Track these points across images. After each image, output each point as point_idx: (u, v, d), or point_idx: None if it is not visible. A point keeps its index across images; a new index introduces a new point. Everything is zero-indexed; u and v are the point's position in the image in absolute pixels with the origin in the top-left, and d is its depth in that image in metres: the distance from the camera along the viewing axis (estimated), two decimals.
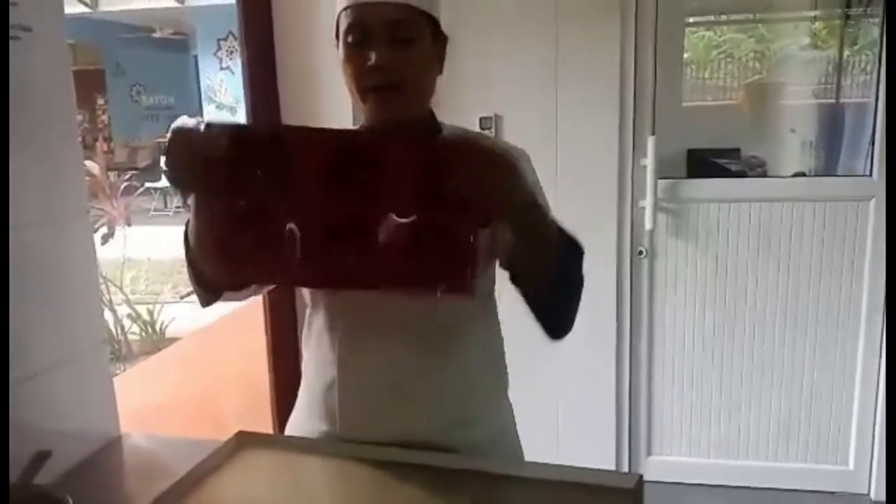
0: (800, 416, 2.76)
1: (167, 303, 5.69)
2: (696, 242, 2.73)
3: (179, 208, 10.82)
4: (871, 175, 2.62)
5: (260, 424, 2.40)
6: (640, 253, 2.74)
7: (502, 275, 1.20)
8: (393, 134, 1.11)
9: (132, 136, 14.34)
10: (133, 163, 12.74)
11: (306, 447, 1.20)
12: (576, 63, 2.61)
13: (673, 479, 2.83)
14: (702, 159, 3.40)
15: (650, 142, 2.62)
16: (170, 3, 11.18)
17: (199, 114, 12.89)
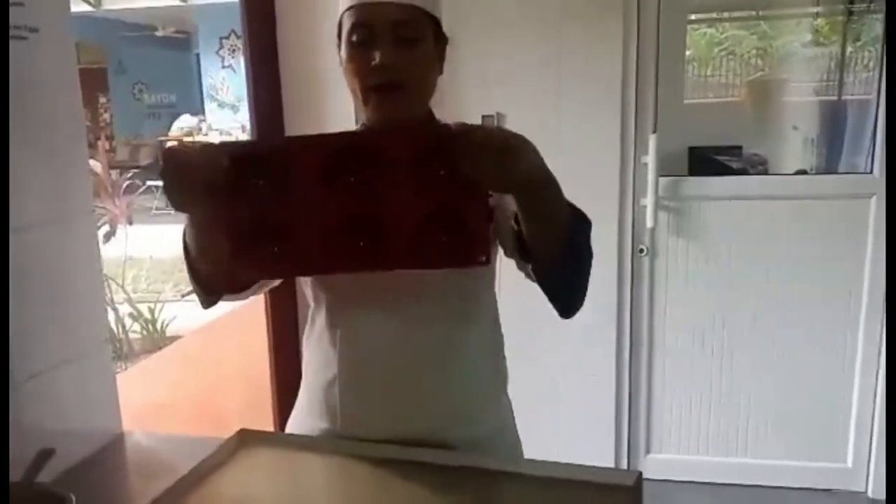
0: (798, 413, 2.77)
1: (168, 301, 5.70)
2: (697, 240, 2.73)
3: None
4: (873, 172, 2.62)
5: (261, 422, 2.41)
6: (642, 251, 2.74)
7: (502, 272, 1.21)
8: (396, 128, 1.12)
9: (134, 134, 14.37)
10: (135, 161, 12.76)
11: (307, 445, 1.21)
12: (577, 60, 2.61)
13: (672, 477, 2.83)
14: (703, 157, 3.39)
15: (652, 139, 2.62)
16: (172, 1, 11.19)
17: (201, 112, 12.96)
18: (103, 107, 14.67)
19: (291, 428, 1.29)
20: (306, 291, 1.24)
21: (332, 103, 2.40)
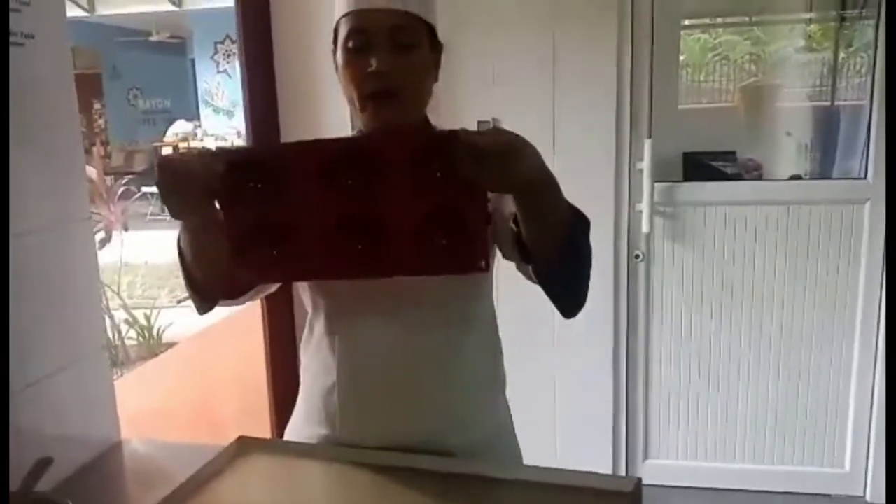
0: (795, 418, 2.77)
1: (164, 307, 5.68)
2: (692, 246, 2.74)
3: None
4: (867, 178, 2.63)
5: (258, 428, 2.41)
6: (637, 256, 2.75)
7: (500, 277, 1.21)
8: (394, 131, 1.12)
9: (129, 140, 14.34)
10: (130, 167, 12.74)
11: (307, 452, 1.21)
12: (573, 66, 2.61)
13: (669, 483, 2.84)
14: (698, 162, 3.40)
15: (647, 145, 2.63)
16: (167, 6, 11.18)
17: (196, 117, 12.95)
18: (98, 112, 14.64)
19: (290, 435, 1.28)
20: (304, 298, 1.23)
21: (328, 109, 2.41)
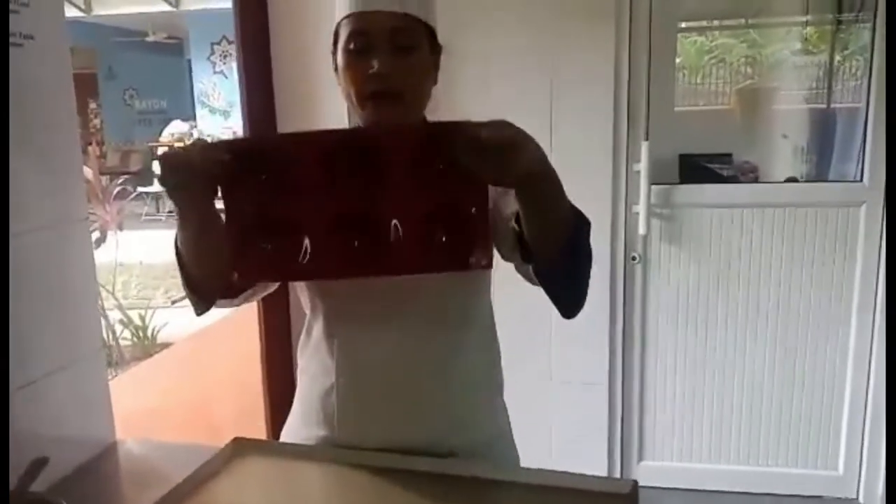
0: (790, 421, 2.78)
1: (159, 308, 5.67)
2: (688, 248, 2.74)
3: (171, 213, 10.71)
4: (863, 181, 2.64)
5: (253, 429, 2.41)
6: (634, 258, 2.75)
7: (497, 279, 1.21)
8: (396, 125, 1.11)
9: (125, 140, 14.31)
10: (125, 167, 12.71)
11: (303, 454, 1.20)
12: (571, 68, 2.61)
13: (663, 485, 2.84)
14: (694, 164, 3.41)
15: (644, 147, 2.63)
16: (163, 6, 11.16)
17: (192, 118, 12.93)
18: (93, 112, 14.62)
19: (287, 436, 1.28)
20: (302, 299, 1.23)
21: (326, 109, 2.41)
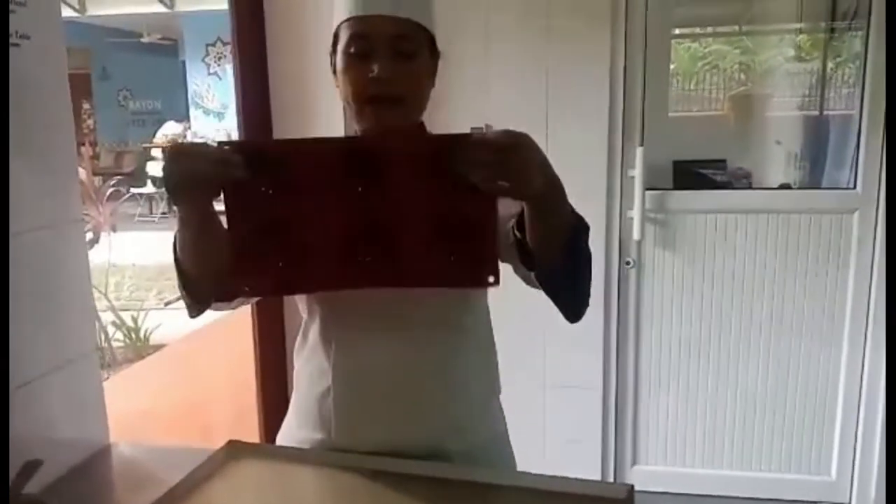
0: (783, 426, 2.79)
1: (151, 309, 5.65)
2: (682, 253, 2.75)
3: (165, 214, 10.76)
4: (856, 188, 2.65)
5: (246, 431, 2.40)
6: (628, 263, 2.76)
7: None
8: (400, 131, 1.11)
9: (118, 140, 14.27)
10: (118, 168, 12.68)
11: (298, 457, 1.20)
12: (566, 74, 2.62)
13: (657, 489, 2.84)
14: (688, 170, 3.42)
15: (639, 153, 2.64)
16: (158, 7, 11.13)
17: (185, 119, 12.90)
18: (87, 113, 14.57)
19: (282, 440, 1.28)
20: (299, 303, 1.23)
21: (322, 111, 2.40)
